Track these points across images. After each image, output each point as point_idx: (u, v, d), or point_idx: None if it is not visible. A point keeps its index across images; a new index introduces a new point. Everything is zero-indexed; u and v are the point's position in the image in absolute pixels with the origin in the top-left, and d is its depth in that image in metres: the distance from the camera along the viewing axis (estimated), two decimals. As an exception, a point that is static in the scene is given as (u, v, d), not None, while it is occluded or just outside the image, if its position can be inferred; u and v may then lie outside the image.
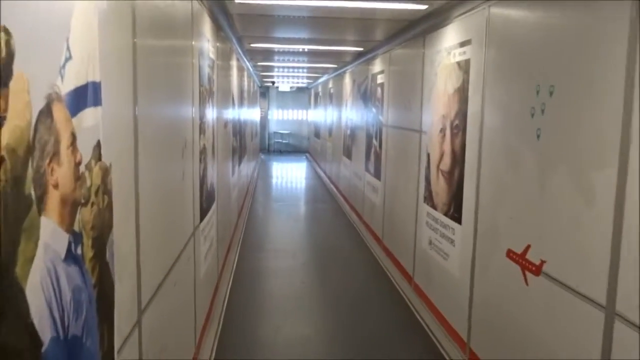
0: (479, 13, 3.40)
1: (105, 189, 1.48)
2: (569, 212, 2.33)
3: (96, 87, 1.40)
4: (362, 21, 4.96)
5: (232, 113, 6.30)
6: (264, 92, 19.78)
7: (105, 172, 1.48)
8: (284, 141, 20.40)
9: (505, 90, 3.04)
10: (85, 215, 1.33)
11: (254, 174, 12.58)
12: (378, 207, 6.57)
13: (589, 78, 2.21)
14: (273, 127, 20.59)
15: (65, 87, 1.20)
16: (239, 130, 7.41)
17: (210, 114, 3.99)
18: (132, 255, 1.80)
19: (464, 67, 3.62)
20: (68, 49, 1.20)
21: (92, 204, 1.38)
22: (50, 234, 1.13)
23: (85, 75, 1.32)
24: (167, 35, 2.49)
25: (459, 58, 3.74)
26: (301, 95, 20.04)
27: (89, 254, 1.37)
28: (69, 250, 1.23)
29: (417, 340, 4.03)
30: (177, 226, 2.70)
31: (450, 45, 3.93)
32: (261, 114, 18.85)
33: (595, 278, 2.14)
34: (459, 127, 3.72)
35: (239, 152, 7.45)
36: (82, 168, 1.30)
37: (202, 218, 3.51)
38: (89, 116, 1.35)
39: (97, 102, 1.40)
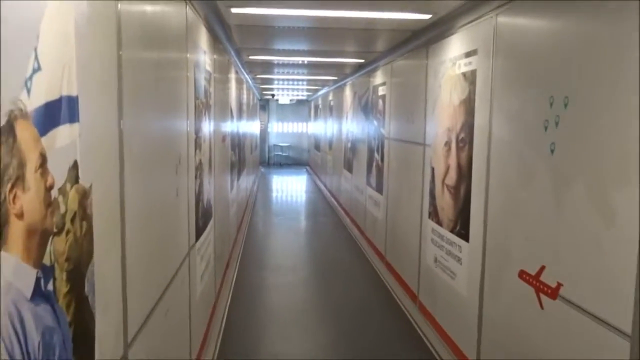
0: (485, 22, 3.28)
1: (83, 214, 1.33)
2: (588, 232, 2.18)
3: (72, 101, 1.25)
4: (364, 32, 4.85)
5: (231, 126, 6.17)
6: (264, 104, 19.70)
7: (84, 195, 1.33)
8: (283, 154, 20.28)
9: (515, 102, 2.90)
10: (58, 246, 1.18)
11: (253, 187, 12.43)
12: (380, 222, 6.41)
13: (608, 89, 2.07)
14: (273, 140, 20.49)
15: (33, 102, 1.05)
16: (237, 143, 7.28)
17: (207, 127, 3.85)
18: (116, 285, 1.65)
19: (470, 78, 3.49)
20: (36, 58, 1.06)
21: (68, 232, 1.23)
22: (12, 271, 0.98)
23: (58, 89, 1.18)
24: (159, 46, 2.35)
25: (464, 69, 3.60)
26: (301, 108, 19.95)
27: (63, 289, 1.22)
28: (37, 287, 1.08)
29: (423, 362, 3.86)
30: (169, 248, 2.55)
31: (454, 55, 3.80)
32: (261, 126, 18.74)
33: (619, 304, 1.98)
34: (465, 140, 3.58)
35: (237, 166, 7.31)
36: (54, 193, 1.16)
37: (198, 237, 3.36)
38: (64, 134, 1.20)
39: (73, 118, 1.26)
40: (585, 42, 2.24)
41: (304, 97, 18.15)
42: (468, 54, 3.55)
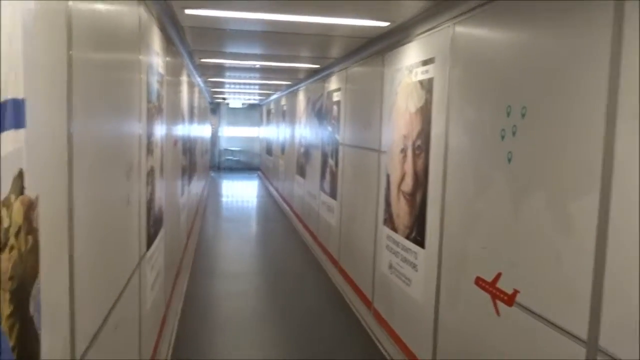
0: (442, 31, 3.31)
1: (29, 227, 1.22)
2: (545, 240, 2.21)
3: (18, 105, 1.15)
4: (319, 37, 4.82)
5: (182, 130, 6.00)
6: (215, 108, 19.40)
7: (30, 207, 1.23)
8: (234, 158, 20.04)
9: (472, 111, 2.93)
10: (1, 265, 1.07)
11: (203, 192, 12.19)
12: (334, 228, 6.39)
13: (568, 100, 2.11)
14: (224, 144, 20.21)
15: (-27, 105, 0.95)
16: (189, 148, 7.10)
17: (159, 132, 3.72)
18: (64, 301, 1.53)
19: (427, 86, 3.51)
20: (-22, 58, 0.96)
21: (12, 248, 1.13)
22: (-52, 295, 0.87)
23: (4, 91, 1.07)
24: (111, 46, 2.24)
25: (421, 77, 3.63)
26: (253, 112, 19.78)
27: (6, 310, 1.11)
28: (-24, 311, 0.97)
29: (379, 370, 3.85)
30: (120, 259, 2.42)
31: (411, 63, 3.83)
32: (211, 130, 18.45)
33: (575, 311, 2.02)
34: (422, 147, 3.60)
35: (188, 170, 7.13)
36: (-3, 205, 1.05)
37: (149, 246, 3.22)
38: (8, 141, 1.09)
39: (19, 123, 1.15)
40: (545, 54, 2.28)
41: (256, 101, 18.00)
42: (425, 62, 3.58)
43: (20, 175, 1.16)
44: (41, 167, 1.31)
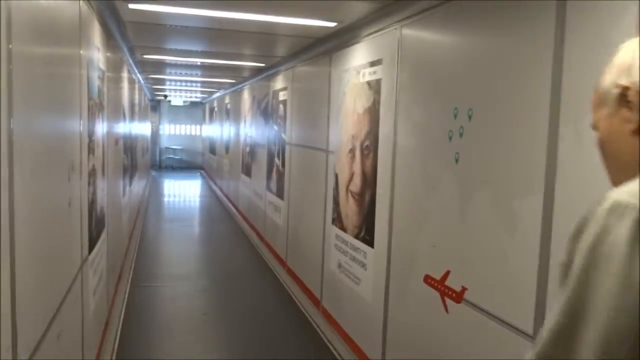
0: (389, 33, 3.36)
1: (-32, 234, 1.14)
2: (492, 239, 2.29)
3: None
4: (263, 36, 4.77)
5: (124, 128, 5.80)
6: (155, 105, 18.89)
7: (-31, 212, 1.14)
8: (176, 157, 19.60)
9: (420, 112, 2.99)
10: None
11: (145, 192, 11.84)
12: (282, 228, 6.37)
13: (511, 102, 2.19)
14: (165, 143, 19.72)
15: None
16: (130, 146, 6.87)
17: (101, 130, 3.57)
18: (5, 310, 1.44)
19: (375, 87, 3.55)
20: None
21: (-51, 256, 1.04)
22: None
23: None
24: (51, 41, 2.12)
25: (369, 78, 3.67)
26: (195, 110, 19.40)
27: (-56, 324, 1.02)
28: None
29: (328, 369, 3.86)
30: (61, 263, 2.30)
31: (359, 64, 3.86)
32: (152, 128, 17.95)
33: (521, 307, 2.10)
34: (370, 147, 3.64)
35: (130, 170, 6.90)
36: None
37: (91, 249, 3.09)
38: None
39: (-43, 122, 1.07)
40: (490, 57, 2.36)
41: (199, 99, 17.67)
42: (373, 64, 3.62)
43: (-42, 178, 1.08)
44: (-20, 169, 1.22)
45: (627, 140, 0.88)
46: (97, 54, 3.43)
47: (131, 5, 3.64)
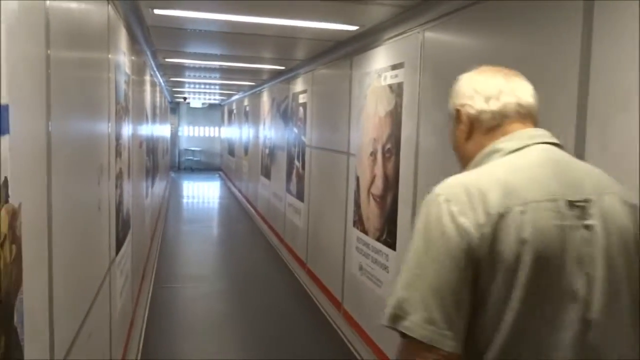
0: (412, 37, 3.36)
1: (13, 237, 1.18)
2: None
3: (2, 110, 1.11)
4: (283, 39, 4.80)
5: (146, 131, 5.89)
6: (174, 107, 19.09)
7: (14, 215, 1.18)
8: (195, 159, 19.76)
9: (442, 115, 2.98)
10: (-13, 275, 1.03)
11: (165, 193, 11.97)
12: (301, 230, 6.39)
13: (537, 106, 2.18)
14: (184, 144, 19.91)
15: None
16: (152, 148, 6.97)
17: (126, 133, 3.64)
18: (44, 310, 1.48)
19: (397, 90, 3.56)
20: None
21: (-3, 258, 1.08)
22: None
23: (-11, 96, 1.03)
24: (82, 45, 2.18)
25: (390, 81, 3.68)
26: (213, 112, 19.55)
27: (-8, 323, 1.07)
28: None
29: (349, 371, 3.87)
30: (92, 265, 2.36)
31: (380, 67, 3.87)
32: (171, 130, 18.14)
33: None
34: (392, 150, 3.65)
35: (152, 171, 7.00)
36: (-17, 215, 1.01)
37: (118, 250, 3.15)
38: (-6, 148, 1.06)
39: (3, 129, 1.11)
40: (516, 59, 2.34)
41: (217, 102, 17.81)
42: (394, 67, 3.63)
43: (5, 184, 1.12)
44: (22, 173, 1.26)
45: (464, 146, 1.32)
46: (123, 58, 3.49)
47: (157, 11, 3.70)
